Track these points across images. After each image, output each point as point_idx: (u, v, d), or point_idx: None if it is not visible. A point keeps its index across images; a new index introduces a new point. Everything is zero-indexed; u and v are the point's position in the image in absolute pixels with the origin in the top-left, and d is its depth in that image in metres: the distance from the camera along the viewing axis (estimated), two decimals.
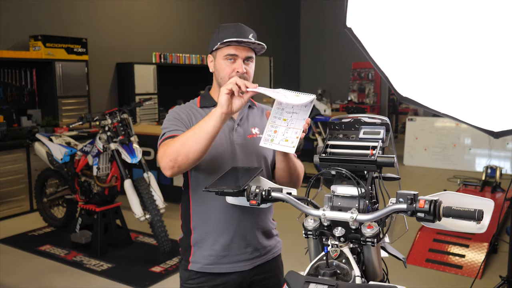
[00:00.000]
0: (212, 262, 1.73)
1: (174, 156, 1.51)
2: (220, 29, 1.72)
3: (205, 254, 1.74)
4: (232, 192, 1.44)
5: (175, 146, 1.52)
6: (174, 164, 1.51)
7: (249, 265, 1.76)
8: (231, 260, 1.74)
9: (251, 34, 1.71)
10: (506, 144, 7.40)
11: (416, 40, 2.36)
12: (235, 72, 1.68)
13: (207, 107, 1.78)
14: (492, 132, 2.24)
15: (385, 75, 2.40)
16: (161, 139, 1.65)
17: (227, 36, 1.67)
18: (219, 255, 1.73)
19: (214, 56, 1.76)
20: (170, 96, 8.09)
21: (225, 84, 1.50)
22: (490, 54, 2.20)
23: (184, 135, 1.53)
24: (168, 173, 1.54)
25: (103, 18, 7.21)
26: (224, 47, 1.69)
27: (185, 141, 1.51)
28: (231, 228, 1.72)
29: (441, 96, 2.37)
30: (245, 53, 1.69)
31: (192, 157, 1.51)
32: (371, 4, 2.43)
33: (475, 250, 3.86)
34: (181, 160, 1.51)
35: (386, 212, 1.31)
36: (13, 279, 3.75)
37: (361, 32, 2.40)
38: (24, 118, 5.97)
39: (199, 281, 1.75)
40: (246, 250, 1.75)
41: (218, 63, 1.73)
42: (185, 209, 1.81)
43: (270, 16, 11.15)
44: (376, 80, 11.37)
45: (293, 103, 1.47)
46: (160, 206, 4.07)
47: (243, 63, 1.69)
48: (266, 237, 1.82)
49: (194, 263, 1.75)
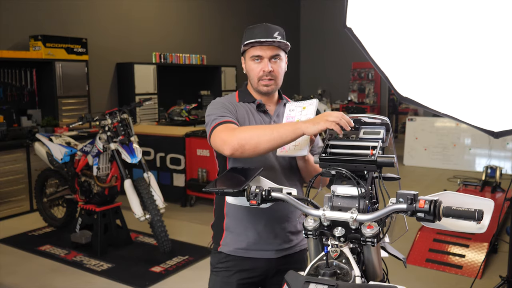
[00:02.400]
0: (242, 247, 1.81)
1: (244, 142, 1.57)
2: (247, 31, 1.81)
3: (237, 239, 1.81)
4: (232, 192, 1.45)
5: (250, 133, 1.58)
6: (239, 148, 1.58)
7: (276, 254, 1.83)
8: (260, 248, 1.81)
9: (276, 32, 1.77)
10: (506, 144, 7.40)
11: (416, 40, 2.36)
12: (262, 71, 1.77)
13: (247, 102, 1.86)
14: (492, 132, 2.25)
15: (385, 75, 2.40)
16: (215, 124, 1.70)
17: (251, 37, 1.75)
18: (249, 242, 1.80)
19: (245, 57, 1.85)
20: (170, 96, 8.09)
21: (328, 116, 1.50)
22: (490, 54, 2.20)
23: (261, 128, 1.61)
24: (229, 152, 1.60)
25: (103, 18, 7.21)
26: (250, 49, 1.79)
27: (262, 135, 1.56)
28: (262, 217, 1.79)
29: (441, 96, 2.37)
30: (270, 52, 1.77)
31: (258, 152, 1.58)
32: (371, 4, 2.43)
33: (475, 250, 3.86)
34: (248, 149, 1.58)
35: (386, 212, 1.31)
36: (13, 279, 3.75)
37: (361, 32, 2.40)
38: (24, 118, 5.97)
39: (228, 264, 1.82)
40: (275, 241, 1.82)
41: (247, 64, 1.83)
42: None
43: (270, 16, 11.14)
44: (376, 80, 11.37)
45: (300, 106, 1.60)
46: (160, 206, 4.07)
47: (269, 62, 1.77)
48: (295, 232, 1.88)
49: (225, 245, 1.83)
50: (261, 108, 1.84)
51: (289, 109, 1.75)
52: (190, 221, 5.13)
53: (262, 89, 1.81)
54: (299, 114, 1.69)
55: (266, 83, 1.80)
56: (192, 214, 5.48)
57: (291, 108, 1.75)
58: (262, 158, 1.73)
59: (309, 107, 1.69)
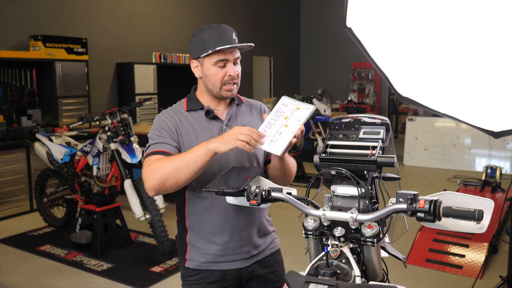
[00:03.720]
0: (208, 261, 1.74)
1: (162, 182, 1.54)
2: (204, 33, 1.67)
3: (201, 253, 1.75)
4: (232, 192, 1.45)
5: (165, 171, 1.54)
6: (161, 188, 1.56)
7: (245, 263, 1.77)
8: (227, 259, 1.74)
9: (233, 33, 1.69)
10: (506, 144, 7.40)
11: (416, 40, 2.36)
12: (228, 76, 1.68)
13: (194, 110, 1.76)
14: (492, 132, 2.24)
15: (385, 75, 2.40)
16: (146, 152, 1.66)
17: (213, 40, 1.64)
18: (215, 255, 1.74)
19: (201, 62, 1.71)
20: (170, 96, 8.07)
21: (238, 134, 1.50)
22: (489, 54, 2.19)
23: (175, 162, 1.54)
24: (152, 193, 1.58)
25: (103, 18, 7.21)
26: (213, 54, 1.66)
27: (177, 170, 1.53)
28: (226, 228, 1.73)
29: (441, 96, 2.37)
30: (234, 55, 1.69)
31: (181, 184, 1.56)
32: (371, 4, 2.43)
33: (475, 250, 3.86)
34: (170, 186, 1.56)
35: (386, 212, 1.31)
36: (13, 279, 3.75)
37: (361, 32, 2.40)
38: (24, 118, 5.97)
39: (197, 277, 1.76)
40: (242, 249, 1.75)
41: (207, 69, 1.69)
42: (181, 208, 1.82)
43: (270, 16, 11.15)
44: (376, 80, 11.37)
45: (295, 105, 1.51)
46: (160, 206, 4.07)
47: (233, 65, 1.69)
48: (262, 235, 1.82)
49: (191, 260, 1.77)
50: (210, 115, 1.73)
51: (282, 103, 1.63)
52: None
53: (226, 94, 1.71)
54: (290, 113, 1.58)
55: (230, 88, 1.70)
56: None
57: (285, 103, 1.62)
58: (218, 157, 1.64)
59: (304, 110, 1.57)
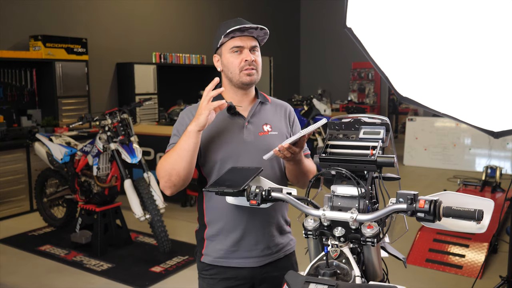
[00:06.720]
0: (222, 256, 1.77)
1: (167, 178, 1.63)
2: (221, 26, 1.74)
3: (216, 248, 1.78)
4: (232, 192, 1.45)
5: (165, 168, 1.63)
6: (170, 184, 1.64)
7: (259, 262, 1.78)
8: (241, 256, 1.76)
9: (248, 23, 1.73)
10: (506, 144, 7.40)
11: (416, 40, 2.36)
12: (244, 61, 1.70)
13: None
14: (492, 132, 2.24)
15: (385, 75, 2.40)
16: (167, 150, 1.72)
17: (227, 28, 1.68)
18: (228, 250, 1.76)
19: (220, 53, 1.76)
20: (170, 96, 8.08)
21: (202, 102, 1.60)
22: (489, 54, 2.19)
23: (170, 157, 1.63)
24: (168, 192, 1.67)
25: (103, 18, 7.21)
26: (229, 41, 1.71)
27: (172, 162, 1.61)
28: (241, 225, 1.75)
29: (441, 96, 2.37)
30: (250, 43, 1.72)
31: (183, 174, 1.62)
32: (371, 4, 2.43)
33: (475, 250, 3.86)
34: (175, 179, 1.63)
35: (386, 212, 1.31)
36: (13, 279, 3.75)
37: (361, 32, 2.40)
38: (24, 118, 5.97)
39: (211, 272, 1.79)
40: (257, 247, 1.77)
41: (225, 58, 1.73)
42: (200, 204, 1.85)
43: (270, 16, 11.14)
44: (376, 80, 11.37)
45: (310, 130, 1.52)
46: (160, 206, 4.07)
47: (249, 52, 1.71)
48: (278, 235, 1.82)
49: (206, 255, 1.80)
50: (232, 110, 1.75)
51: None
52: (190, 221, 5.12)
53: (245, 79, 1.71)
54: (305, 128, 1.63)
55: (249, 71, 1.71)
56: (192, 214, 5.47)
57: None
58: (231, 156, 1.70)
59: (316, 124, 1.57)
